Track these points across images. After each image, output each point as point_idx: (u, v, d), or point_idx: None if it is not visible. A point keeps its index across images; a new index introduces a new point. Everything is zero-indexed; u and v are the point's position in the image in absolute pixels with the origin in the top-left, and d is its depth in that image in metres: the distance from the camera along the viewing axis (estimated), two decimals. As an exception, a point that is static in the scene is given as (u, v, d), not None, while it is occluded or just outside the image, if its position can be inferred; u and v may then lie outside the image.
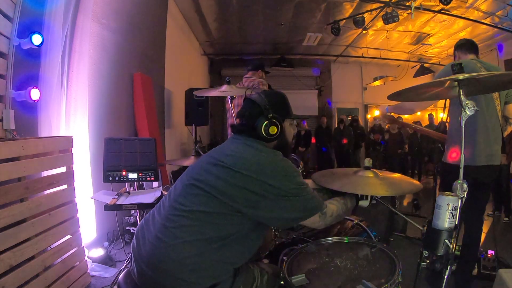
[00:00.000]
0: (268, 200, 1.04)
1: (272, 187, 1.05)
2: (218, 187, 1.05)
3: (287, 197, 1.06)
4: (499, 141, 1.93)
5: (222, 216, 1.03)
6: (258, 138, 1.19)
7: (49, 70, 2.12)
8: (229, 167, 1.07)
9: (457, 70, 1.13)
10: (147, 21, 4.08)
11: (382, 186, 1.44)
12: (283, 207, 1.07)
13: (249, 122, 1.20)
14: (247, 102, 1.27)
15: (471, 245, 1.97)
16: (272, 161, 1.11)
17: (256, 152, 1.13)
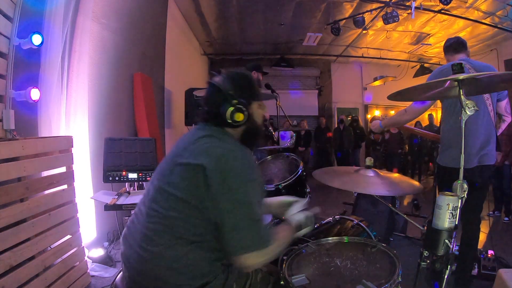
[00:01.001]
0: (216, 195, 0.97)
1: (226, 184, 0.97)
2: (183, 188, 1.00)
3: (234, 201, 0.96)
4: (492, 141, 1.93)
5: (193, 216, 0.99)
6: (224, 126, 1.12)
7: (49, 70, 2.12)
8: (190, 164, 1.00)
9: (457, 70, 1.13)
10: (147, 21, 4.08)
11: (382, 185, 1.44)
12: (226, 210, 0.96)
13: (213, 109, 1.12)
14: (209, 87, 1.17)
15: (469, 245, 1.98)
16: (237, 157, 1.01)
17: (223, 145, 1.04)
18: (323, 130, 8.24)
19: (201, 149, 1.03)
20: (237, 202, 0.96)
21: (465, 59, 1.99)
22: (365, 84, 9.31)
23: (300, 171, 2.01)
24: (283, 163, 2.24)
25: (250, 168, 1.02)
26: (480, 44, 6.70)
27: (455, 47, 2.08)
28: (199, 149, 1.03)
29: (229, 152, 1.02)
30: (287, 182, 1.95)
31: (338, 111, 9.25)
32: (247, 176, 1.00)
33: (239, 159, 1.01)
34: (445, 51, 2.15)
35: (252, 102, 1.16)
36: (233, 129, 1.14)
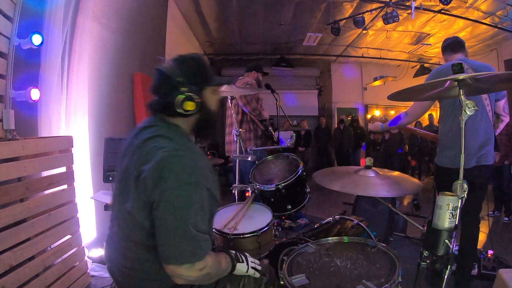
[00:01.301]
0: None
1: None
2: (138, 207, 0.95)
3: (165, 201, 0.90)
4: (490, 141, 1.93)
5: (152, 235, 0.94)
6: (175, 115, 1.04)
7: (49, 70, 2.12)
8: (137, 176, 0.94)
9: (457, 70, 1.13)
10: (147, 21, 4.08)
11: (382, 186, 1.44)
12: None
13: (162, 98, 1.03)
14: (158, 74, 1.06)
15: (469, 245, 1.98)
16: (179, 158, 0.94)
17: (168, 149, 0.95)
18: (323, 130, 8.24)
19: (145, 155, 0.96)
20: (170, 207, 0.89)
21: (463, 59, 1.99)
22: (365, 84, 9.31)
23: (300, 171, 2.01)
24: (283, 163, 2.24)
25: (192, 169, 0.93)
26: (480, 44, 6.70)
27: (453, 47, 2.08)
28: (143, 155, 0.96)
29: (172, 153, 0.93)
30: (287, 182, 1.95)
31: (338, 111, 9.25)
32: (184, 178, 0.91)
33: (180, 160, 0.93)
34: (443, 51, 2.15)
35: (204, 87, 1.07)
36: (185, 119, 1.05)
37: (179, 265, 0.90)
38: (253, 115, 3.02)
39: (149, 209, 0.92)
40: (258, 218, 1.66)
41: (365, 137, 8.08)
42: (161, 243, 0.91)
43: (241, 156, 2.25)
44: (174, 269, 0.90)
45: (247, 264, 1.10)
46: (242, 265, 1.09)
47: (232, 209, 1.80)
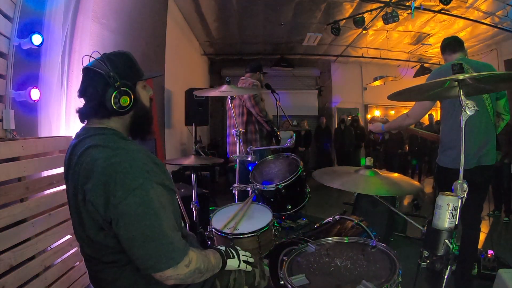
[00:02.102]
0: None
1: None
2: (93, 228, 0.91)
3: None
4: (491, 141, 1.93)
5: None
6: (109, 116, 0.99)
7: (49, 70, 2.11)
8: (82, 199, 0.90)
9: (457, 70, 1.13)
10: (147, 21, 4.08)
11: (382, 185, 1.44)
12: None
13: (95, 98, 0.97)
14: (87, 73, 1.00)
15: (469, 245, 1.98)
16: (117, 165, 0.88)
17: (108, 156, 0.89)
18: (323, 130, 8.24)
19: (83, 173, 0.90)
20: (130, 218, 0.84)
21: (463, 59, 1.98)
22: (365, 84, 9.31)
23: (300, 171, 2.01)
24: (283, 163, 2.24)
25: (134, 172, 0.87)
26: (480, 44, 6.70)
27: (453, 46, 2.08)
28: (81, 174, 0.90)
29: (107, 163, 0.87)
30: (287, 182, 1.95)
31: (338, 111, 9.25)
32: (130, 184, 0.85)
33: (118, 167, 0.86)
34: (442, 51, 2.15)
35: (136, 82, 1.04)
36: (119, 119, 1.01)
37: (164, 270, 0.87)
38: (260, 116, 3.02)
39: (107, 227, 0.87)
40: (258, 218, 1.66)
41: (365, 137, 8.08)
42: (136, 256, 0.86)
43: (241, 156, 2.25)
44: (161, 275, 0.88)
45: (239, 259, 1.09)
46: (233, 261, 1.08)
47: (232, 209, 1.80)
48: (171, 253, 0.87)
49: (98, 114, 0.99)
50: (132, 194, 0.84)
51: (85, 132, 0.99)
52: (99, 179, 0.85)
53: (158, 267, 0.86)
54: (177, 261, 0.88)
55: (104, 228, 0.88)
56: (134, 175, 0.86)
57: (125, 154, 0.90)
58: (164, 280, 0.89)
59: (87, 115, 1.01)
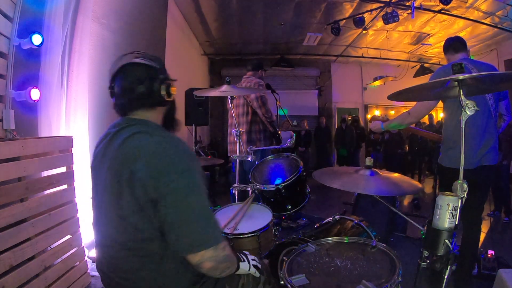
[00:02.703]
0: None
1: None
2: (134, 211, 0.92)
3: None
4: (494, 141, 1.93)
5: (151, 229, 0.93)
6: (156, 105, 1.05)
7: (49, 70, 2.12)
8: (128, 178, 0.91)
9: (457, 70, 1.13)
10: (147, 21, 4.08)
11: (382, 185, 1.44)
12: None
13: (141, 91, 1.01)
14: (132, 68, 1.04)
15: (470, 245, 1.97)
16: (169, 149, 0.93)
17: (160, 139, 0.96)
18: (323, 130, 8.24)
19: (130, 155, 0.92)
20: (181, 196, 0.89)
21: (466, 59, 1.98)
22: (365, 84, 9.31)
23: (300, 171, 2.01)
24: (283, 163, 2.24)
25: (181, 156, 0.93)
26: (480, 44, 6.70)
27: (455, 46, 2.08)
28: (128, 155, 0.93)
29: (157, 146, 0.93)
30: (287, 182, 1.95)
31: (338, 111, 9.26)
32: (180, 166, 0.91)
33: (168, 151, 0.92)
34: (445, 51, 2.15)
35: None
36: (154, 112, 1.06)
37: (207, 249, 0.89)
38: (266, 116, 3.02)
39: (149, 207, 0.89)
40: (258, 218, 1.66)
41: (365, 137, 8.09)
42: (182, 234, 0.89)
43: (241, 156, 2.25)
44: (203, 254, 0.89)
45: (249, 263, 1.10)
46: (244, 264, 1.08)
47: (232, 209, 1.80)
48: (215, 232, 0.92)
49: (145, 104, 1.04)
50: (182, 176, 0.89)
51: (127, 121, 1.03)
52: (150, 161, 0.89)
53: (208, 243, 0.89)
54: (219, 240, 0.91)
55: (144, 209, 0.89)
56: (183, 159, 0.93)
57: (173, 141, 0.97)
58: (203, 261, 0.90)
59: (131, 107, 1.05)
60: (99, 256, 1.07)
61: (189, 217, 0.88)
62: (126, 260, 0.97)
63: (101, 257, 1.06)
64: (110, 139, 1.02)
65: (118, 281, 1.00)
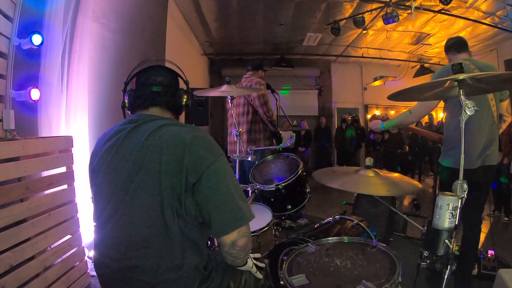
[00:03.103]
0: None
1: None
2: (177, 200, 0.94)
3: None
4: (495, 141, 1.93)
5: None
6: (175, 110, 1.16)
7: (49, 70, 2.11)
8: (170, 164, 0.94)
9: (457, 70, 1.13)
10: (147, 21, 4.08)
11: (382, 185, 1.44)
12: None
13: (171, 95, 1.13)
14: (167, 73, 1.15)
15: (470, 245, 1.98)
16: (202, 138, 1.01)
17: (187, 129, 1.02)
18: (323, 130, 8.24)
19: (166, 144, 0.95)
20: (221, 176, 0.95)
21: (468, 59, 1.98)
22: (365, 84, 9.31)
23: (300, 171, 2.01)
24: (283, 163, 2.24)
25: (215, 144, 1.01)
26: (480, 44, 6.70)
27: (457, 46, 2.07)
28: (164, 145, 0.95)
29: (193, 135, 0.97)
30: (287, 182, 1.95)
31: (338, 111, 9.25)
32: (216, 151, 0.98)
33: (204, 138, 0.99)
34: (447, 50, 2.14)
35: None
36: (169, 115, 1.13)
37: (243, 225, 0.95)
38: (267, 115, 3.02)
39: (188, 196, 0.92)
40: (258, 218, 1.66)
41: (365, 137, 8.09)
42: (224, 212, 0.93)
43: (241, 156, 2.25)
44: (241, 230, 0.94)
45: (252, 260, 1.12)
46: (249, 260, 1.10)
47: (232, 209, 1.80)
48: (249, 208, 0.98)
49: (164, 104, 1.11)
50: (218, 159, 0.96)
51: (145, 117, 1.05)
52: (190, 148, 0.94)
53: (242, 220, 0.94)
54: (252, 216, 0.97)
55: (180, 197, 0.91)
56: (216, 147, 1.00)
57: (201, 130, 1.04)
58: (239, 238, 0.94)
59: (153, 102, 1.10)
60: (103, 256, 1.03)
61: (228, 196, 0.94)
62: (145, 258, 0.94)
63: (107, 257, 1.02)
64: (127, 134, 1.02)
65: (127, 280, 0.97)
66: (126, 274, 0.97)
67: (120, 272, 0.98)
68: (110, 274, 1.01)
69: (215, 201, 0.93)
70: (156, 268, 0.94)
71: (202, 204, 0.93)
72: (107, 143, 1.05)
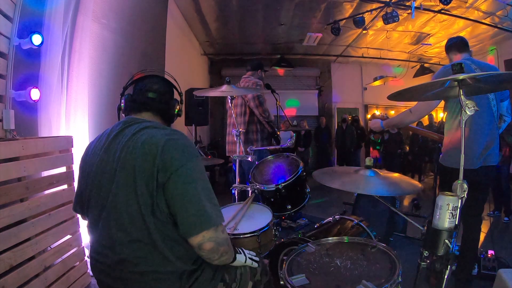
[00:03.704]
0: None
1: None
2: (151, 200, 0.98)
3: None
4: (496, 141, 1.93)
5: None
6: (166, 117, 1.24)
7: (49, 70, 2.12)
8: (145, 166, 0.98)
9: (457, 70, 1.13)
10: (147, 21, 4.08)
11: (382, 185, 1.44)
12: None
13: (164, 102, 1.21)
14: (164, 82, 1.24)
15: (470, 245, 1.98)
16: (178, 140, 1.05)
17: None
18: (323, 130, 8.23)
19: (141, 146, 1.00)
20: (189, 178, 0.98)
21: (469, 59, 1.98)
22: (365, 84, 9.31)
23: (300, 171, 2.01)
24: (283, 163, 2.24)
25: (191, 147, 1.05)
26: (480, 44, 6.70)
27: (459, 46, 2.06)
28: (139, 147, 1.00)
29: (168, 137, 1.02)
30: (287, 182, 1.95)
31: (338, 111, 9.26)
32: (190, 154, 1.02)
33: (178, 141, 1.03)
34: (448, 50, 2.13)
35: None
36: (159, 120, 1.20)
37: (209, 229, 0.95)
38: (263, 116, 3.01)
39: (160, 194, 0.95)
40: (258, 218, 1.66)
41: (365, 137, 8.09)
42: (188, 214, 0.95)
43: (241, 156, 2.25)
44: (205, 234, 0.95)
45: (245, 255, 1.15)
46: (241, 256, 1.13)
47: (232, 209, 1.80)
48: (218, 213, 0.99)
49: (155, 109, 1.19)
50: (190, 161, 0.99)
51: (132, 120, 1.12)
52: (163, 148, 0.98)
53: (211, 222, 0.96)
54: (219, 222, 0.99)
55: (153, 196, 0.95)
56: (190, 149, 1.04)
57: (181, 133, 1.09)
58: (204, 242, 0.95)
59: (145, 107, 1.17)
60: (99, 256, 1.06)
61: (195, 199, 0.96)
62: (134, 253, 0.99)
63: (100, 254, 1.06)
64: (114, 136, 1.08)
65: (128, 276, 1.00)
66: (117, 268, 1.01)
67: (112, 268, 1.02)
68: (104, 270, 1.05)
69: (181, 202, 0.95)
70: (143, 261, 0.98)
71: (170, 204, 0.96)
72: (98, 144, 1.13)
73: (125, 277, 1.01)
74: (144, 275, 0.99)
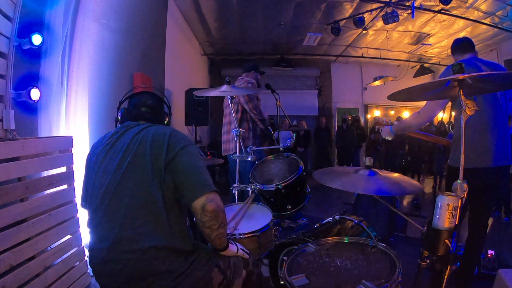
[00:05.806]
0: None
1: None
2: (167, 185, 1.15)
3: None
4: (508, 141, 1.88)
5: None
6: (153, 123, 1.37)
7: (49, 70, 2.12)
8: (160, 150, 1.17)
9: (457, 70, 1.13)
10: (147, 21, 4.08)
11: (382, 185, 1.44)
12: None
13: (156, 114, 1.38)
14: (157, 98, 1.41)
15: (475, 247, 1.94)
16: (178, 132, 1.26)
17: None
18: (323, 130, 8.23)
19: (151, 137, 1.18)
20: (192, 155, 1.18)
21: (476, 58, 1.95)
22: (365, 84, 9.31)
23: (300, 171, 2.01)
24: (283, 163, 2.24)
25: (188, 137, 1.26)
26: (480, 44, 6.69)
27: (464, 47, 2.02)
28: (148, 138, 1.18)
29: (171, 129, 1.25)
30: (287, 182, 1.95)
31: (338, 111, 9.26)
32: (189, 140, 1.24)
33: (179, 133, 1.25)
34: (453, 51, 2.09)
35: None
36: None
37: (211, 191, 1.10)
38: (254, 113, 3.01)
39: (167, 171, 1.12)
40: (258, 218, 1.66)
41: (365, 137, 8.08)
42: (193, 181, 1.11)
43: (241, 156, 2.25)
44: (208, 195, 1.09)
45: (237, 246, 1.25)
46: (233, 246, 1.22)
47: (232, 209, 1.80)
48: (212, 182, 1.15)
49: (150, 120, 1.35)
50: (190, 145, 1.21)
51: (133, 123, 1.29)
52: (169, 137, 1.19)
53: (209, 187, 1.11)
54: (215, 189, 1.13)
55: (161, 174, 1.12)
56: (189, 138, 1.26)
57: (178, 131, 1.28)
58: (208, 202, 1.07)
59: (142, 117, 1.35)
60: (97, 244, 1.13)
61: (197, 170, 1.14)
62: (136, 230, 1.07)
63: (102, 236, 1.13)
64: (120, 135, 1.25)
65: (131, 257, 1.05)
66: (115, 249, 1.07)
67: (109, 250, 1.08)
68: (102, 258, 1.10)
69: (186, 173, 1.13)
70: (145, 237, 1.06)
71: (176, 177, 1.12)
72: (104, 141, 1.29)
73: (124, 258, 1.05)
74: (145, 252, 1.04)
